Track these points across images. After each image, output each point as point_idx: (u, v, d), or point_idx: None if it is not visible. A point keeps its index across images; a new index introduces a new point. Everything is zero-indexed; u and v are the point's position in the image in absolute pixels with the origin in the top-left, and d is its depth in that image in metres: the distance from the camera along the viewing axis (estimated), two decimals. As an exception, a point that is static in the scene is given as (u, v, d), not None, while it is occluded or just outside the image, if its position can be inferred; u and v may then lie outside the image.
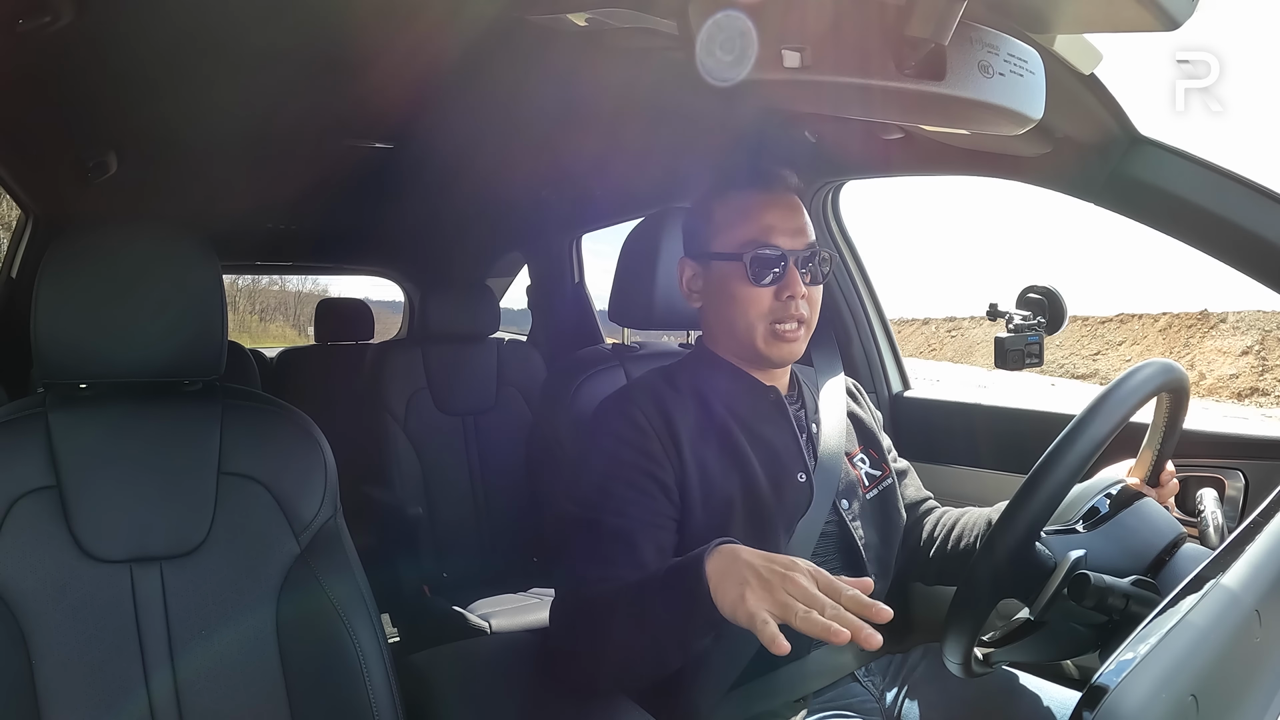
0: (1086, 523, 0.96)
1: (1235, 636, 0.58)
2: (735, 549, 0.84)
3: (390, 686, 1.06)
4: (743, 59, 0.66)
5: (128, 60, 1.26)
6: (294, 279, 25.23)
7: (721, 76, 0.67)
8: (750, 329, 1.09)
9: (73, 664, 0.98)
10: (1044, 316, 1.31)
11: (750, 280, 1.07)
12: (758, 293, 1.08)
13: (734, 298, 1.09)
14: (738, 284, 1.09)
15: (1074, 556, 0.88)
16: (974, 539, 1.17)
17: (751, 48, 0.66)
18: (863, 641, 0.74)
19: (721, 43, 0.66)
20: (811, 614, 0.75)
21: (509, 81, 1.39)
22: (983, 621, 0.91)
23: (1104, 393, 0.89)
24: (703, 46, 0.66)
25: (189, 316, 1.09)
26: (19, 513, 0.99)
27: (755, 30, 0.66)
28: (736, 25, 0.66)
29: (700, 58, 0.66)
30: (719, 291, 1.11)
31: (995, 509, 1.18)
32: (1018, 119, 0.79)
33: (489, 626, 1.81)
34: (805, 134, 1.50)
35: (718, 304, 1.12)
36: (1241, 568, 0.62)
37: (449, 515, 2.25)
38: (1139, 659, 0.52)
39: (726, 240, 1.10)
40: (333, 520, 1.12)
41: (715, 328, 1.15)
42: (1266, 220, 1.08)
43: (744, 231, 1.09)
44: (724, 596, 0.81)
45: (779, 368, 1.15)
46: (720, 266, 1.11)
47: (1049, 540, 0.92)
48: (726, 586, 0.81)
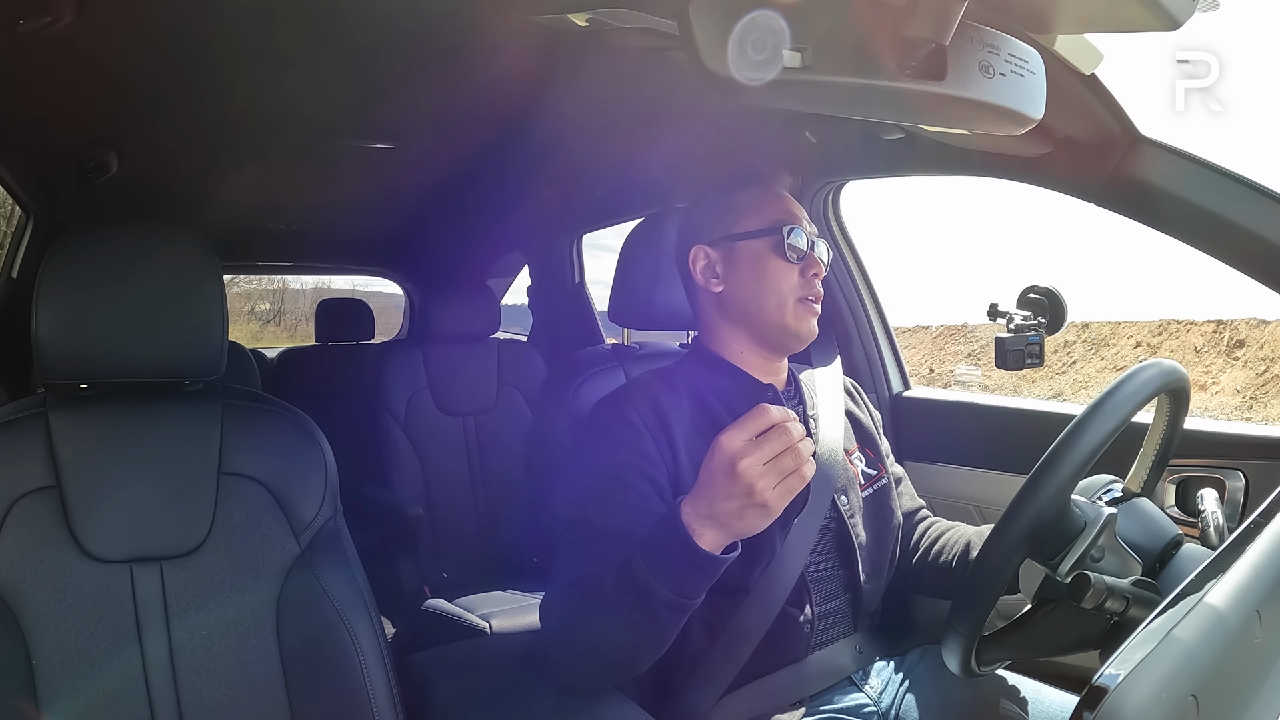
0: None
1: (1235, 637, 0.58)
2: (690, 503, 0.87)
3: (390, 686, 1.06)
4: (743, 59, 0.66)
5: (128, 60, 1.26)
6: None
7: (721, 76, 0.66)
8: (782, 304, 1.11)
9: (73, 664, 0.98)
10: (1044, 317, 1.31)
11: (783, 256, 1.11)
12: (788, 268, 1.11)
13: (765, 273, 1.11)
14: (770, 259, 1.11)
15: (1106, 514, 0.89)
16: (954, 556, 1.18)
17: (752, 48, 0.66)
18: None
19: (722, 42, 0.66)
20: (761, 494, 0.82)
21: (509, 81, 1.39)
22: (983, 621, 0.91)
23: (1105, 393, 0.89)
24: (703, 46, 0.66)
25: (189, 317, 1.09)
26: (19, 513, 0.99)
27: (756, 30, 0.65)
28: (737, 25, 0.66)
29: (700, 57, 0.66)
30: (748, 269, 1.12)
31: (980, 530, 1.19)
32: (1018, 119, 0.78)
33: (489, 626, 1.81)
34: (805, 134, 1.50)
35: (745, 282, 1.13)
36: (1242, 568, 0.62)
37: (449, 515, 2.25)
38: (1139, 659, 0.52)
39: (756, 220, 1.13)
40: (333, 520, 1.12)
41: (735, 310, 1.15)
42: (1266, 220, 1.08)
43: (772, 213, 1.13)
44: (705, 535, 0.86)
45: (797, 348, 1.17)
46: (749, 246, 1.12)
47: (1079, 502, 0.93)
48: (708, 529, 0.86)
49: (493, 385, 2.38)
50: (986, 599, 0.90)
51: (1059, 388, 8.61)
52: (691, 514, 0.86)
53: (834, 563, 1.13)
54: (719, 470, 0.84)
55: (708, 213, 1.18)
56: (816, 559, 1.11)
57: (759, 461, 0.82)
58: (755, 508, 0.83)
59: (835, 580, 1.13)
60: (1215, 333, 8.57)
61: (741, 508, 0.84)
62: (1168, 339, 8.88)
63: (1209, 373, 8.26)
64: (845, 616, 1.14)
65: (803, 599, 1.08)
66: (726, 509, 0.84)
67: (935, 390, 1.88)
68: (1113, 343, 9.02)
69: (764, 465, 0.82)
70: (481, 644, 1.61)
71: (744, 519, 0.85)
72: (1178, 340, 8.78)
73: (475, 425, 2.34)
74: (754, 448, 0.83)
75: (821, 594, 1.11)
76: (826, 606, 1.12)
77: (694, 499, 0.87)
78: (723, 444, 0.84)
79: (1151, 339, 8.96)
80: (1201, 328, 8.72)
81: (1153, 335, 8.98)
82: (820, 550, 1.11)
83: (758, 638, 1.04)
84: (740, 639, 1.04)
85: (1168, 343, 8.83)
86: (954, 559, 1.18)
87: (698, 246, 1.16)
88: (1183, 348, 8.63)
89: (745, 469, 0.82)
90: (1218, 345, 8.43)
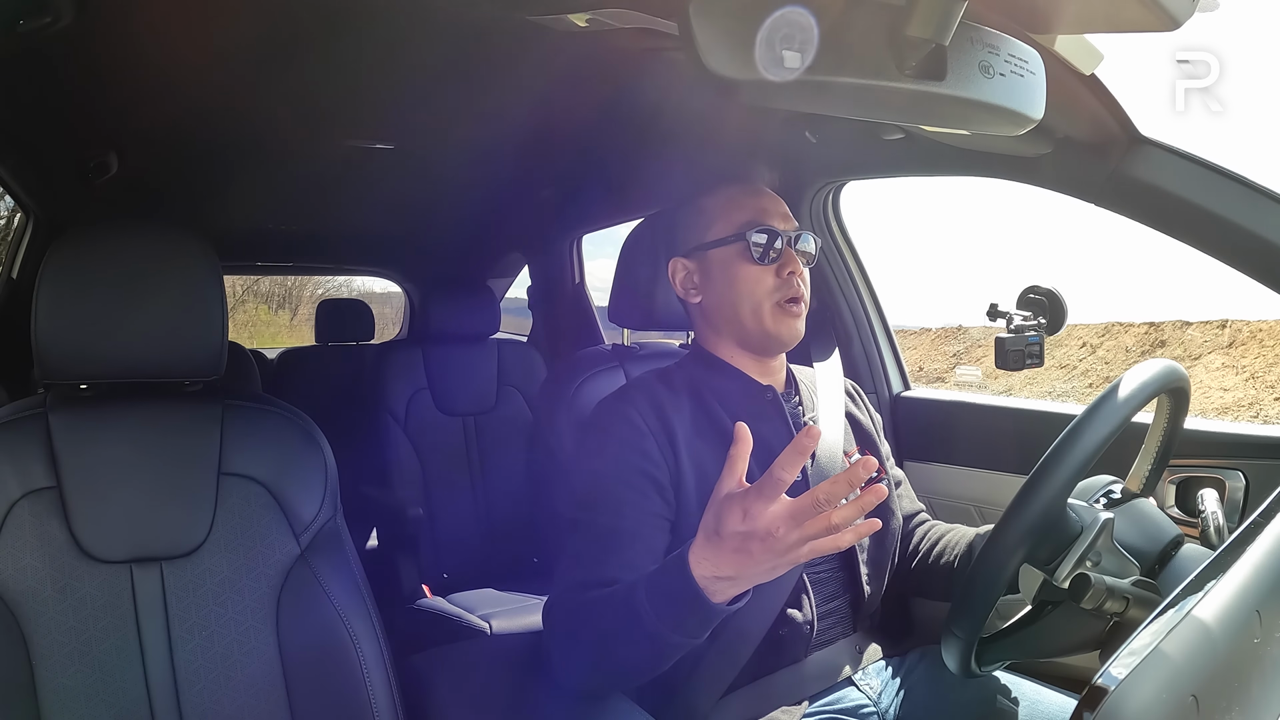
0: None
1: (1236, 637, 0.58)
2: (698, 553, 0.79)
3: (390, 687, 1.06)
4: (743, 59, 0.66)
5: (128, 60, 1.26)
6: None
7: (721, 76, 0.66)
8: (758, 309, 1.10)
9: (73, 664, 0.99)
10: (1044, 317, 1.31)
11: (752, 259, 1.09)
12: (760, 271, 1.10)
13: (737, 279, 1.10)
14: (740, 265, 1.10)
15: (1102, 519, 0.89)
16: (954, 558, 1.18)
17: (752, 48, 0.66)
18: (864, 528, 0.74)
19: (722, 42, 0.66)
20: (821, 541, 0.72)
21: (509, 81, 1.39)
22: (982, 622, 0.91)
23: (1105, 394, 0.89)
24: (703, 46, 0.66)
25: (189, 317, 1.09)
26: (19, 513, 1.00)
27: (756, 30, 0.65)
28: (737, 25, 0.66)
29: (701, 57, 0.66)
30: (720, 278, 1.12)
31: (980, 531, 1.18)
32: (1018, 119, 0.78)
33: (489, 627, 1.81)
34: (805, 134, 1.50)
35: (720, 291, 1.12)
36: (1242, 568, 0.62)
37: (449, 515, 2.25)
38: (1139, 660, 0.52)
39: (723, 226, 1.12)
40: (333, 521, 1.12)
41: (718, 319, 1.15)
42: (1266, 220, 1.07)
43: (739, 215, 1.11)
44: (727, 592, 0.79)
45: (783, 350, 1.16)
46: (719, 253, 1.12)
47: (1075, 506, 0.93)
48: (722, 586, 0.79)
49: (493, 385, 2.38)
50: (986, 600, 0.90)
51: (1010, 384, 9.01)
52: (709, 576, 0.78)
53: (834, 564, 1.13)
54: (754, 538, 0.74)
55: (678, 222, 1.18)
56: (816, 560, 1.10)
57: (796, 526, 0.73)
58: (785, 564, 0.76)
59: (835, 581, 1.13)
60: (1145, 334, 9.12)
61: (773, 568, 0.76)
62: (1108, 339, 9.25)
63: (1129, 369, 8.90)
64: (845, 617, 1.14)
65: (802, 600, 1.08)
66: (759, 569, 0.76)
67: (935, 390, 1.88)
68: (1065, 343, 9.41)
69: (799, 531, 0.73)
70: (481, 644, 1.61)
71: (775, 573, 0.78)
72: (1115, 341, 9.20)
73: (475, 425, 2.34)
74: (792, 521, 0.73)
75: (821, 595, 1.11)
76: (826, 607, 1.12)
77: (714, 563, 0.78)
78: (756, 516, 0.73)
79: (1095, 339, 9.30)
80: (1136, 329, 9.22)
81: (1097, 336, 9.35)
82: (819, 551, 1.11)
83: (758, 639, 1.04)
84: (740, 640, 1.04)
85: (1107, 343, 9.20)
86: (954, 560, 1.18)
87: (674, 259, 1.16)
88: (1117, 348, 9.07)
89: (779, 538, 0.73)
90: (1144, 345, 8.99)
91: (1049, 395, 8.34)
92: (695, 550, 0.79)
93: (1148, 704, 0.50)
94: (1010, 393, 8.64)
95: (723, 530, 0.76)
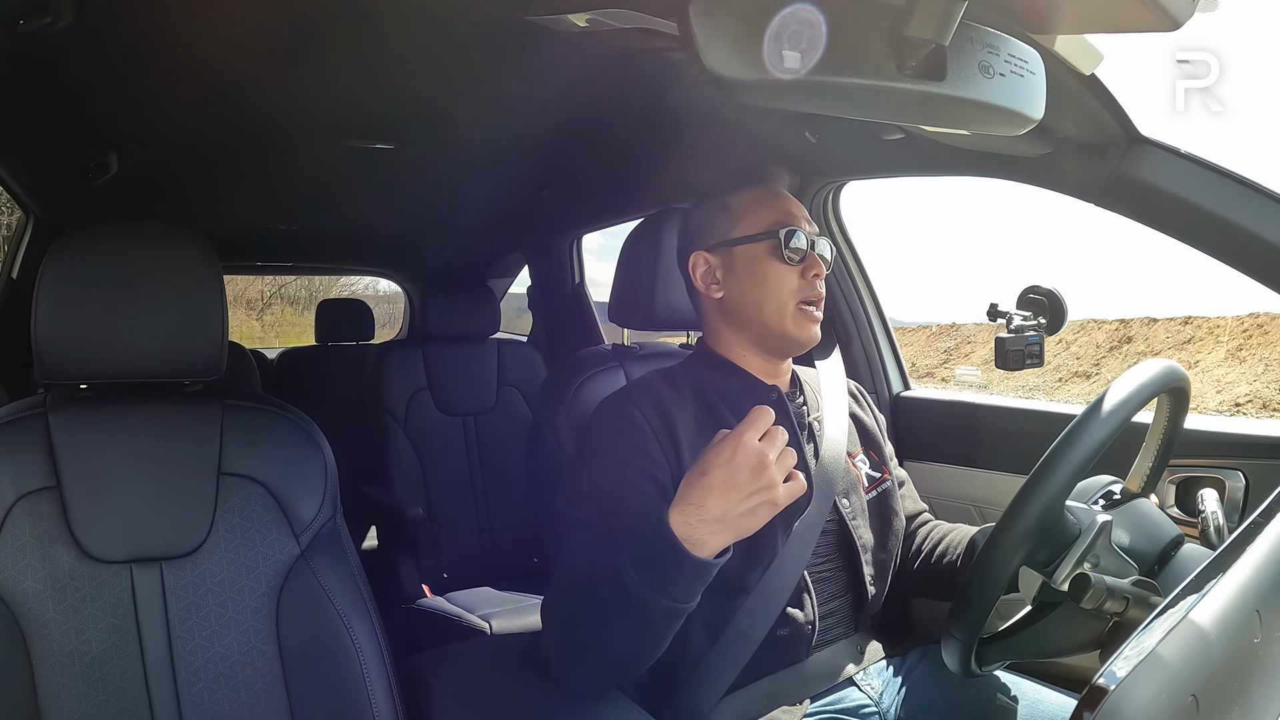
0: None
1: (1235, 637, 0.58)
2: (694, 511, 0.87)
3: (390, 687, 1.06)
4: (743, 59, 0.66)
5: (128, 60, 1.26)
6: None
7: (721, 76, 0.66)
8: (781, 308, 1.11)
9: (73, 664, 0.98)
10: (1044, 317, 1.31)
11: (781, 258, 1.10)
12: (788, 271, 1.11)
13: (765, 277, 1.11)
14: (768, 263, 1.11)
15: (1100, 521, 0.89)
16: (956, 557, 1.18)
17: (752, 48, 0.66)
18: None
19: (721, 42, 0.66)
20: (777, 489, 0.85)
21: (509, 81, 1.39)
22: (983, 622, 0.91)
23: (1105, 393, 0.89)
24: (703, 46, 0.66)
25: (189, 317, 1.08)
26: (19, 513, 0.99)
27: (756, 30, 0.65)
28: (737, 25, 0.66)
29: (701, 57, 0.66)
30: (747, 274, 1.12)
31: (982, 530, 1.18)
32: (1018, 119, 0.78)
33: (489, 627, 1.81)
34: (805, 134, 1.50)
35: (744, 287, 1.13)
36: (1242, 568, 0.62)
37: (449, 515, 2.25)
38: (1139, 659, 0.52)
39: (754, 223, 1.12)
40: (333, 521, 1.12)
41: (738, 315, 1.14)
42: (1266, 220, 1.07)
43: (769, 215, 1.12)
44: (711, 541, 0.86)
45: (797, 353, 1.16)
46: (748, 250, 1.12)
47: (1074, 509, 0.93)
48: (713, 534, 0.86)
49: (493, 385, 2.38)
50: (985, 601, 0.90)
51: (989, 379, 9.31)
52: (695, 522, 0.86)
53: (836, 564, 1.13)
54: (744, 468, 0.84)
55: (705, 217, 1.17)
56: (818, 560, 1.11)
57: (775, 458, 0.85)
58: (768, 504, 0.86)
59: (837, 581, 1.13)
60: (1116, 330, 9.58)
61: (758, 505, 0.85)
62: (1082, 335, 9.68)
63: (1096, 365, 9.30)
64: (846, 617, 1.14)
65: (804, 600, 1.08)
66: (744, 508, 0.85)
67: (935, 390, 1.88)
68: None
69: (777, 462, 0.86)
70: (481, 644, 1.61)
71: (755, 516, 0.86)
72: (1089, 337, 9.65)
73: (475, 425, 2.35)
74: (769, 445, 0.86)
75: (823, 595, 1.11)
76: (828, 607, 1.12)
77: (700, 505, 0.86)
78: (748, 443, 0.85)
79: (1070, 335, 9.69)
80: (1109, 325, 9.69)
81: (1072, 333, 9.71)
82: (822, 552, 1.11)
83: (759, 638, 1.04)
84: (741, 639, 1.04)
85: (1081, 339, 9.64)
86: (957, 560, 1.18)
87: (697, 252, 1.16)
88: (1089, 343, 9.57)
89: (770, 464, 0.84)
90: (1113, 341, 9.49)
91: (1021, 389, 8.58)
92: (675, 505, 0.87)
93: (1148, 704, 0.50)
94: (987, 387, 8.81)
95: (713, 465, 0.86)
